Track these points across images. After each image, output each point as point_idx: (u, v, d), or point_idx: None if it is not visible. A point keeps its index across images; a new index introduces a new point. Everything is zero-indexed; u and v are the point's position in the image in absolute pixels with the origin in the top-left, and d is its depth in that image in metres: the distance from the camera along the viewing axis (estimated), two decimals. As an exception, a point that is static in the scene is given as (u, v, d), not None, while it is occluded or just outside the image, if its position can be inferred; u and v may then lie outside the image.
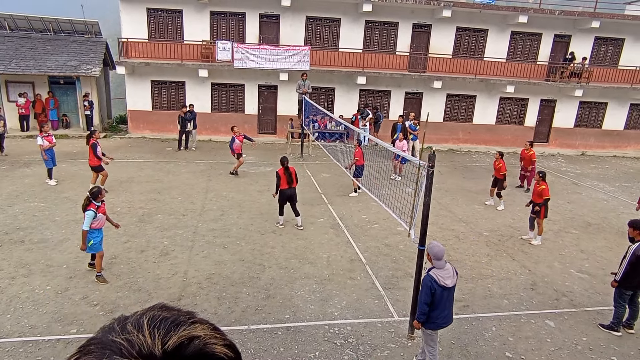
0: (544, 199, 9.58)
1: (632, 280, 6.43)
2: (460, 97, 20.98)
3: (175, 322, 0.63)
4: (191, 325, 0.63)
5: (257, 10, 18.77)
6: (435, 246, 5.20)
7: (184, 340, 0.59)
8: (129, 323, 0.62)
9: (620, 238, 10.54)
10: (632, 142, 22.71)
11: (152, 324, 0.62)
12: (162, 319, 0.63)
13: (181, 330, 0.61)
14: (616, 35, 21.04)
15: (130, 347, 0.58)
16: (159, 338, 0.59)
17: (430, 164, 5.54)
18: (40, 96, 18.60)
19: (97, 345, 0.60)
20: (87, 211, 6.99)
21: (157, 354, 0.57)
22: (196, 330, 0.62)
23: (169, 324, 0.62)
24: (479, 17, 19.96)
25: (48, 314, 6.29)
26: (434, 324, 5.14)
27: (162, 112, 19.25)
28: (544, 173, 9.94)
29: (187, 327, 0.62)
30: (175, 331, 0.61)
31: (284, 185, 9.44)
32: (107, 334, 0.62)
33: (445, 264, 5.14)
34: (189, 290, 7.14)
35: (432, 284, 5.01)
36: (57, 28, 20.11)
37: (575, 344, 6.32)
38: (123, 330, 0.61)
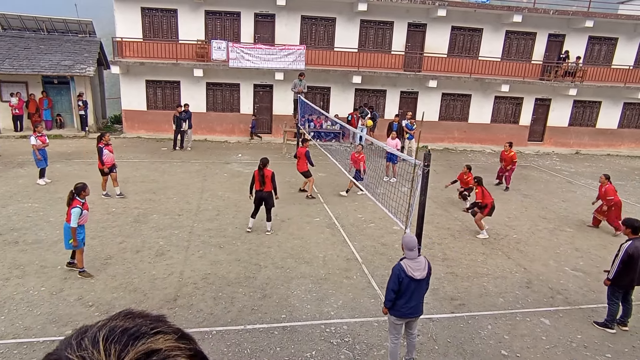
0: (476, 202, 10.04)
1: (624, 278, 6.48)
2: (455, 96, 21.04)
3: (135, 334, 0.60)
4: (152, 336, 0.61)
5: (252, 9, 18.74)
6: (407, 236, 5.32)
7: (141, 356, 0.57)
8: (86, 337, 0.60)
9: (614, 236, 10.62)
10: (625, 140, 22.87)
11: (110, 338, 0.59)
12: (121, 331, 0.61)
13: (139, 344, 0.59)
14: (610, 34, 21.17)
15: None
16: (114, 355, 0.57)
17: (425, 163, 5.55)
18: (33, 96, 18.47)
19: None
20: (74, 208, 7.05)
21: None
22: (157, 342, 0.60)
23: (126, 338, 0.59)
24: (474, 17, 20.02)
25: (43, 315, 6.25)
26: (398, 312, 5.23)
27: (157, 111, 19.18)
28: (479, 178, 10.29)
29: (146, 341, 0.60)
30: (133, 346, 0.58)
31: (257, 187, 9.35)
32: (63, 350, 0.60)
33: (417, 255, 5.20)
34: (185, 291, 7.12)
35: (399, 273, 5.12)
36: (51, 27, 19.98)
37: (570, 342, 6.36)
38: (79, 346, 0.59)
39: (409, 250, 5.18)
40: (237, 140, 19.25)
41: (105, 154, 10.87)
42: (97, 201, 10.93)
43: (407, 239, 5.27)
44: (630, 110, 22.52)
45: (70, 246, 7.25)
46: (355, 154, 12.03)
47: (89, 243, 8.60)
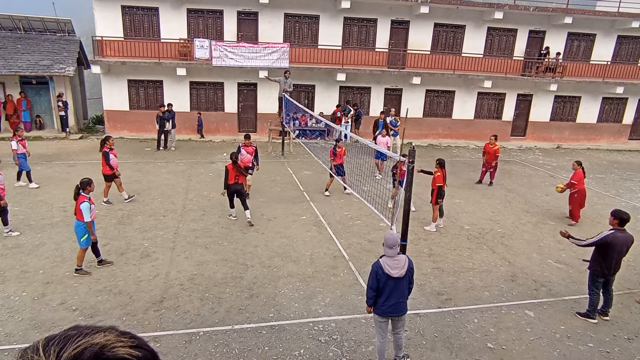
0: (437, 186, 9.86)
1: (599, 264, 6.62)
2: (439, 93, 21.21)
3: (75, 336, 0.63)
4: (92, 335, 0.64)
5: (234, 7, 18.58)
6: (388, 234, 5.33)
7: (80, 350, 0.60)
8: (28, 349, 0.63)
9: (594, 228, 10.84)
10: (604, 134, 23.37)
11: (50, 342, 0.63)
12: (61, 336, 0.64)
13: (77, 341, 0.62)
14: (588, 30, 21.58)
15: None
16: (54, 354, 0.60)
17: (410, 159, 5.58)
18: (11, 97, 18.03)
19: None
20: (82, 203, 7.11)
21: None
22: (95, 339, 0.63)
23: (65, 340, 0.63)
24: (456, 13, 20.20)
25: (24, 321, 6.12)
26: (379, 309, 5.26)
27: (140, 111, 18.91)
28: (442, 160, 10.07)
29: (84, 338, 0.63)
30: (71, 344, 0.61)
31: (231, 180, 9.68)
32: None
33: (396, 253, 5.21)
34: (171, 292, 7.04)
35: (377, 270, 5.16)
36: (28, 26, 19.53)
37: (554, 333, 6.48)
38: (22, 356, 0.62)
39: (388, 247, 5.18)
40: (222, 139, 19.10)
41: (111, 159, 10.58)
42: (79, 203, 10.74)
43: (387, 236, 5.27)
44: (609, 105, 23.01)
45: (86, 243, 7.31)
46: (338, 150, 11.94)
47: (73, 246, 8.45)
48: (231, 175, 9.71)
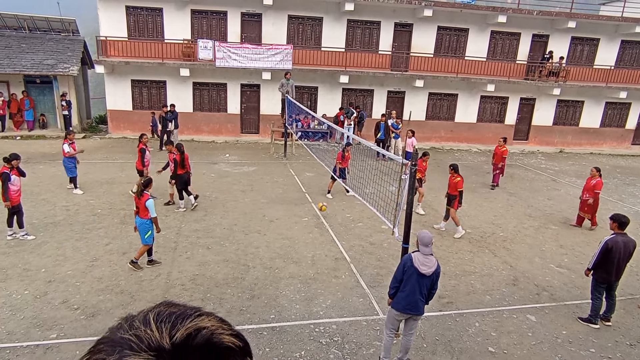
0: (459, 191, 9.83)
1: (602, 271, 6.61)
2: (442, 96, 21.21)
3: (182, 315, 0.64)
4: (198, 317, 0.64)
5: (238, 8, 18.64)
6: (422, 232, 5.35)
7: (192, 332, 0.61)
8: (136, 320, 0.64)
9: (597, 233, 10.82)
10: (607, 139, 23.32)
11: (159, 318, 0.63)
12: (168, 314, 0.65)
13: (188, 322, 0.63)
14: (592, 35, 21.56)
15: (140, 342, 0.59)
16: (166, 331, 0.60)
17: (412, 162, 5.58)
18: (15, 96, 18.11)
19: (107, 344, 0.61)
20: (148, 200, 7.42)
21: (165, 347, 0.58)
22: (203, 321, 0.64)
23: (174, 318, 0.63)
24: (460, 17, 20.21)
25: (26, 319, 6.13)
26: (399, 304, 5.24)
27: (143, 111, 18.95)
28: (455, 165, 10.13)
29: (193, 319, 0.63)
30: (182, 324, 0.62)
31: (181, 170, 10.27)
32: (115, 333, 0.63)
33: (430, 253, 5.21)
34: (173, 292, 7.05)
35: (407, 261, 5.17)
36: (33, 26, 19.62)
37: (555, 338, 6.46)
38: (131, 327, 0.62)
39: (423, 245, 5.17)
40: (224, 141, 19.13)
41: (146, 156, 11.07)
42: (82, 202, 10.78)
43: (423, 234, 5.27)
44: (612, 110, 22.97)
45: (149, 240, 7.57)
46: (347, 154, 11.99)
47: (75, 245, 8.47)
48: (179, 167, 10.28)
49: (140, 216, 7.51)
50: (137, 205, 7.59)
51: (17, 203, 8.49)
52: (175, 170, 10.32)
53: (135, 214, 7.65)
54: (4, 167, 8.37)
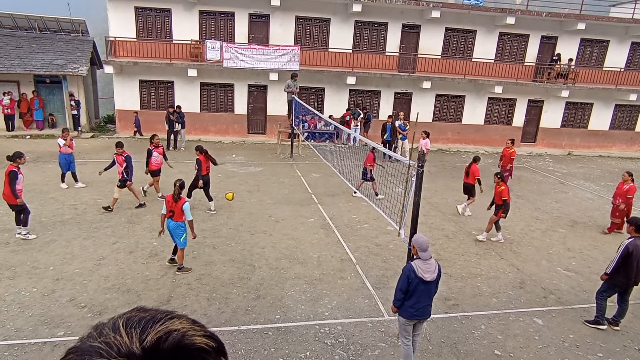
0: (503, 200, 9.60)
1: (620, 275, 6.53)
2: (449, 98, 21.13)
3: (152, 319, 0.64)
4: (168, 320, 0.64)
5: (246, 9, 18.70)
6: (420, 237, 5.29)
7: (162, 335, 0.60)
8: (106, 327, 0.63)
9: (605, 236, 10.72)
10: (616, 142, 23.10)
11: (129, 324, 0.63)
12: (138, 319, 0.64)
13: (158, 326, 0.62)
14: (601, 37, 21.37)
15: (109, 349, 0.58)
16: (136, 336, 0.60)
17: (419, 163, 5.57)
18: (25, 95, 18.31)
19: (76, 353, 0.61)
20: (185, 204, 7.43)
21: (136, 352, 0.58)
22: (174, 324, 0.63)
23: (144, 322, 0.63)
24: (468, 18, 20.13)
25: (34, 317, 6.19)
26: (407, 312, 5.22)
27: (151, 111, 19.08)
28: (501, 174, 9.99)
29: (163, 322, 0.63)
30: (152, 328, 0.61)
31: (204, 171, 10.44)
32: (85, 341, 0.62)
33: (429, 257, 5.18)
34: (179, 292, 7.08)
35: (409, 273, 5.11)
36: (43, 26, 19.82)
37: (562, 341, 6.41)
38: (100, 334, 0.62)
39: (422, 251, 5.14)
40: (231, 141, 19.20)
41: (154, 156, 11.08)
42: (89, 201, 10.87)
43: (420, 239, 5.22)
44: (622, 112, 22.75)
45: (185, 243, 7.64)
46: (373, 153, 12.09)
47: (82, 244, 8.54)
48: (204, 166, 10.38)
49: (175, 219, 7.45)
50: (171, 208, 7.43)
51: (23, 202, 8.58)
52: (199, 171, 10.35)
53: (167, 217, 7.50)
54: (11, 165, 8.45)
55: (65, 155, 11.65)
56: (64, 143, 11.58)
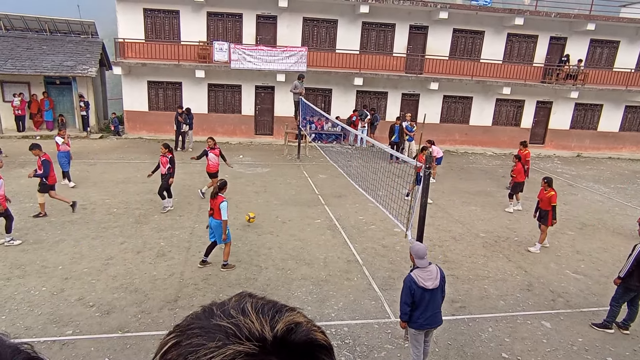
0: (553, 206, 9.28)
1: (635, 278, 6.44)
2: (456, 99, 21.04)
3: (277, 308, 0.62)
4: (290, 311, 0.63)
5: (254, 11, 18.77)
6: (417, 245, 5.21)
7: (292, 326, 0.59)
8: (231, 309, 0.61)
9: (615, 239, 10.61)
10: (627, 143, 22.84)
11: (256, 309, 0.61)
12: (262, 304, 0.63)
13: (284, 316, 0.61)
14: (611, 37, 21.17)
15: (239, 331, 0.57)
16: (266, 323, 0.58)
17: (427, 165, 5.55)
18: (35, 96, 18.52)
19: (202, 329, 0.58)
20: (222, 202, 7.49)
21: (268, 338, 0.56)
22: (298, 317, 0.62)
23: (272, 311, 0.61)
24: (476, 19, 20.04)
25: (43, 315, 6.26)
26: (416, 323, 5.14)
27: (159, 112, 19.21)
28: (549, 179, 9.62)
29: (289, 314, 0.61)
30: (280, 317, 0.60)
31: None
32: (208, 319, 0.60)
33: (428, 264, 5.11)
34: (186, 292, 7.12)
35: (411, 285, 5.02)
36: (53, 28, 20.03)
37: (571, 345, 6.35)
38: (226, 314, 0.60)
39: (419, 258, 5.06)
40: (238, 142, 19.27)
41: (210, 157, 11.28)
42: (98, 201, 10.96)
43: (416, 247, 5.13)
44: (632, 114, 22.50)
45: (229, 238, 7.76)
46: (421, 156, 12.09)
47: (91, 243, 8.62)
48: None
49: (215, 217, 7.63)
50: (212, 206, 7.68)
51: (6, 208, 8.20)
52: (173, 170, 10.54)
53: (210, 215, 7.77)
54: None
55: (65, 153, 11.74)
56: (62, 141, 11.67)
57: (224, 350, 0.54)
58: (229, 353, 0.53)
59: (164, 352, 0.58)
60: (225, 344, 0.55)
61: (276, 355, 0.54)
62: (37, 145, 9.66)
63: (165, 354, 0.58)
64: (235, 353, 0.53)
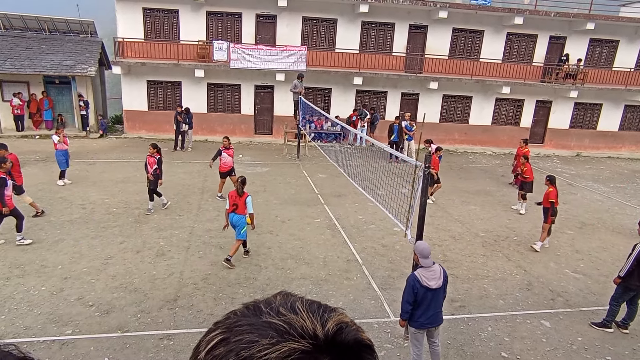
0: (550, 202, 9.31)
1: (636, 278, 6.44)
2: (456, 98, 21.04)
3: (324, 308, 0.62)
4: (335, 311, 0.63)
5: (253, 10, 18.76)
6: (421, 244, 5.21)
7: (342, 325, 0.59)
8: (280, 306, 0.61)
9: (614, 238, 10.62)
10: (626, 143, 22.86)
11: (305, 307, 0.61)
12: (310, 303, 0.63)
13: (334, 315, 0.61)
14: (611, 37, 21.17)
15: (291, 329, 0.56)
16: (317, 322, 0.58)
17: (426, 164, 5.55)
18: (35, 96, 18.50)
19: (252, 326, 0.57)
20: (248, 197, 7.83)
21: (320, 336, 0.56)
22: (345, 317, 0.62)
23: (320, 310, 0.61)
24: (475, 18, 20.03)
25: (43, 315, 6.25)
26: (417, 322, 5.14)
27: (158, 112, 19.19)
28: (552, 177, 9.63)
29: (337, 314, 0.61)
30: (329, 316, 0.60)
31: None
32: (257, 316, 0.59)
33: (432, 263, 5.11)
34: (185, 291, 7.12)
35: (414, 284, 5.01)
36: (53, 27, 20.01)
37: (570, 344, 6.35)
38: (275, 312, 0.60)
39: (423, 258, 5.05)
40: (238, 141, 19.24)
41: (223, 157, 11.25)
42: (97, 201, 10.95)
43: (420, 246, 5.12)
44: (631, 113, 22.51)
45: (245, 235, 8.03)
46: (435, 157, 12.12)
47: (90, 243, 8.62)
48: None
49: (238, 212, 7.82)
50: (235, 202, 7.83)
51: (13, 207, 8.23)
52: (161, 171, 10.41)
53: (231, 212, 7.88)
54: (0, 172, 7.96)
55: (62, 151, 11.74)
56: (58, 139, 11.67)
57: (278, 347, 0.54)
58: (284, 350, 0.53)
59: (211, 349, 0.57)
60: (279, 341, 0.54)
61: (328, 353, 0.55)
62: (3, 145, 9.54)
63: (211, 350, 0.57)
64: (291, 350, 0.53)
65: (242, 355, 0.54)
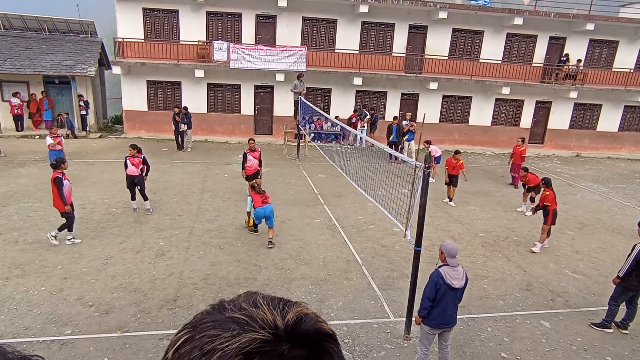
0: (544, 205, 9.35)
1: (635, 279, 6.45)
2: (456, 99, 21.05)
3: (284, 301, 0.65)
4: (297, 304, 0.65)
5: (253, 10, 18.76)
6: (449, 244, 5.20)
7: (302, 316, 0.61)
8: (242, 302, 0.64)
9: (614, 238, 10.62)
10: (626, 143, 22.87)
11: (266, 301, 0.64)
12: (271, 298, 0.65)
13: (293, 307, 0.63)
14: (610, 37, 21.19)
15: (252, 321, 0.59)
16: (277, 314, 0.60)
17: (426, 164, 5.55)
18: (34, 96, 18.49)
19: (216, 322, 0.60)
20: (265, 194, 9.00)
21: (280, 327, 0.58)
22: (306, 309, 0.64)
23: (281, 303, 0.64)
24: (475, 19, 20.04)
25: (42, 315, 6.25)
26: (433, 321, 5.14)
27: (158, 112, 19.19)
28: (547, 180, 9.66)
29: (297, 306, 0.64)
30: (289, 308, 0.63)
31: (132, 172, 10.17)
32: (220, 313, 0.62)
33: (457, 264, 5.12)
34: (185, 291, 7.12)
35: (438, 280, 5.01)
36: (53, 27, 20.01)
37: (570, 344, 6.35)
38: (238, 308, 0.62)
39: (450, 257, 5.04)
40: (237, 141, 19.25)
41: (249, 160, 11.13)
42: (97, 201, 10.95)
43: (449, 246, 5.12)
44: (631, 114, 22.52)
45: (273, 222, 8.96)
46: (452, 160, 12.21)
47: (90, 243, 8.61)
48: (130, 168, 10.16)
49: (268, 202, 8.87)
50: (263, 195, 8.95)
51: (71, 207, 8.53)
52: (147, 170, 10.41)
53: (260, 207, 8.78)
54: (56, 172, 8.21)
55: (56, 152, 11.75)
56: (51, 141, 11.72)
57: (238, 338, 0.56)
58: (244, 340, 0.55)
59: (177, 348, 0.60)
60: (239, 332, 0.57)
61: (288, 342, 0.57)
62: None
63: (178, 349, 0.59)
64: (251, 340, 0.55)
65: (205, 349, 0.56)
